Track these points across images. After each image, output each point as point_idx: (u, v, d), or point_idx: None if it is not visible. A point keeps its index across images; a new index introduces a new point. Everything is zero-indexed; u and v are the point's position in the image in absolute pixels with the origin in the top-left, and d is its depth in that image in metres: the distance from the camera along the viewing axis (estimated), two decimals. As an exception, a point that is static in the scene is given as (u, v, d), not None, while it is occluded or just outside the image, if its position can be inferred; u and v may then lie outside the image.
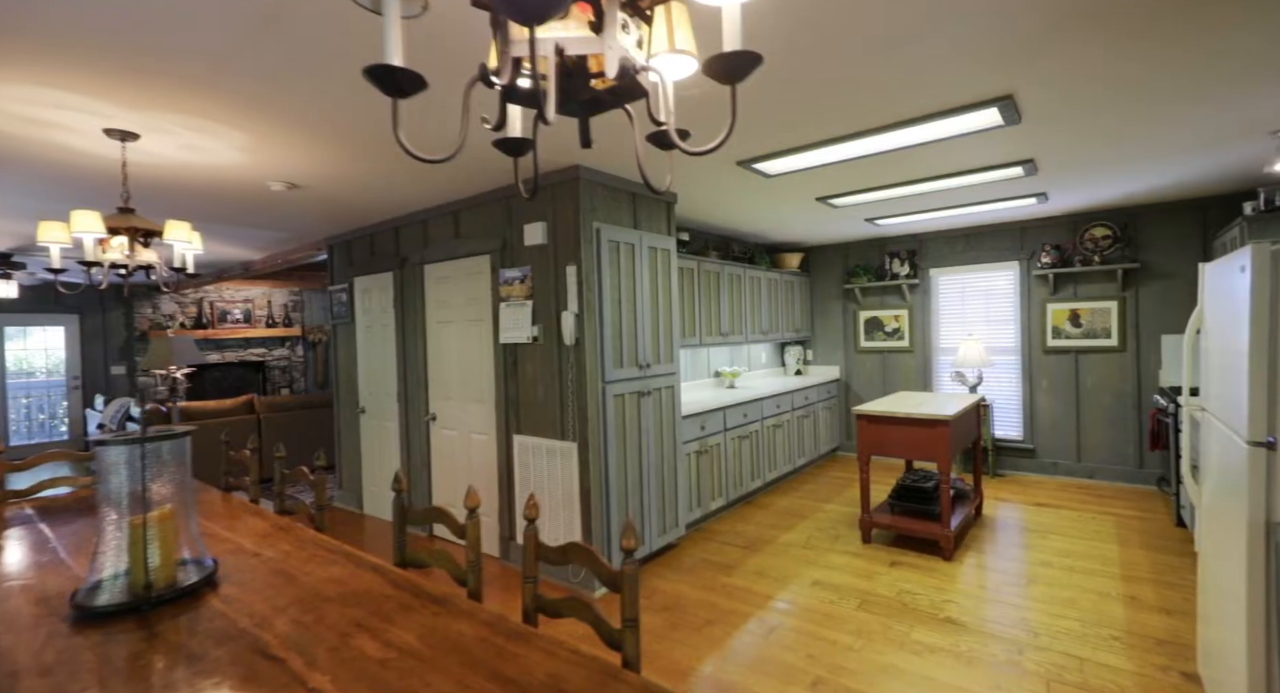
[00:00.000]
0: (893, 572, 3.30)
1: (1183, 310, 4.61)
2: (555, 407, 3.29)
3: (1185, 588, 3.00)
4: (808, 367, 6.56)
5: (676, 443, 3.74)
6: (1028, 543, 3.66)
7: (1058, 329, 5.10)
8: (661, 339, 3.65)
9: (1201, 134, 2.92)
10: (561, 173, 3.18)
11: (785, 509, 4.49)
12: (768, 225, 5.09)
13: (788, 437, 5.22)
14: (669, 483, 3.67)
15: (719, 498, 4.27)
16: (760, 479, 4.79)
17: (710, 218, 4.68)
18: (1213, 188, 4.19)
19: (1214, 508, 2.02)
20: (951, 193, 4.03)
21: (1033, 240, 5.20)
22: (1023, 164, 3.31)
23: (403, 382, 4.28)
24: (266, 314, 8.43)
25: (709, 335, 4.79)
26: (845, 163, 3.20)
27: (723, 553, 3.66)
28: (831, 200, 4.08)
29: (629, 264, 3.41)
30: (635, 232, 3.45)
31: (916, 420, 3.52)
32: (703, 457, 4.10)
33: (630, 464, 3.38)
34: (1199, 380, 2.25)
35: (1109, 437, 4.91)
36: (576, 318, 3.16)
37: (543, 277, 3.34)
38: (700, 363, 5.30)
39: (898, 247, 5.92)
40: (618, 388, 3.29)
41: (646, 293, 3.53)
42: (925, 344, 5.79)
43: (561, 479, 3.26)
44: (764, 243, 6.12)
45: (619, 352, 3.32)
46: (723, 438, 4.32)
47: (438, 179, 3.29)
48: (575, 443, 3.19)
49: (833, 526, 4.08)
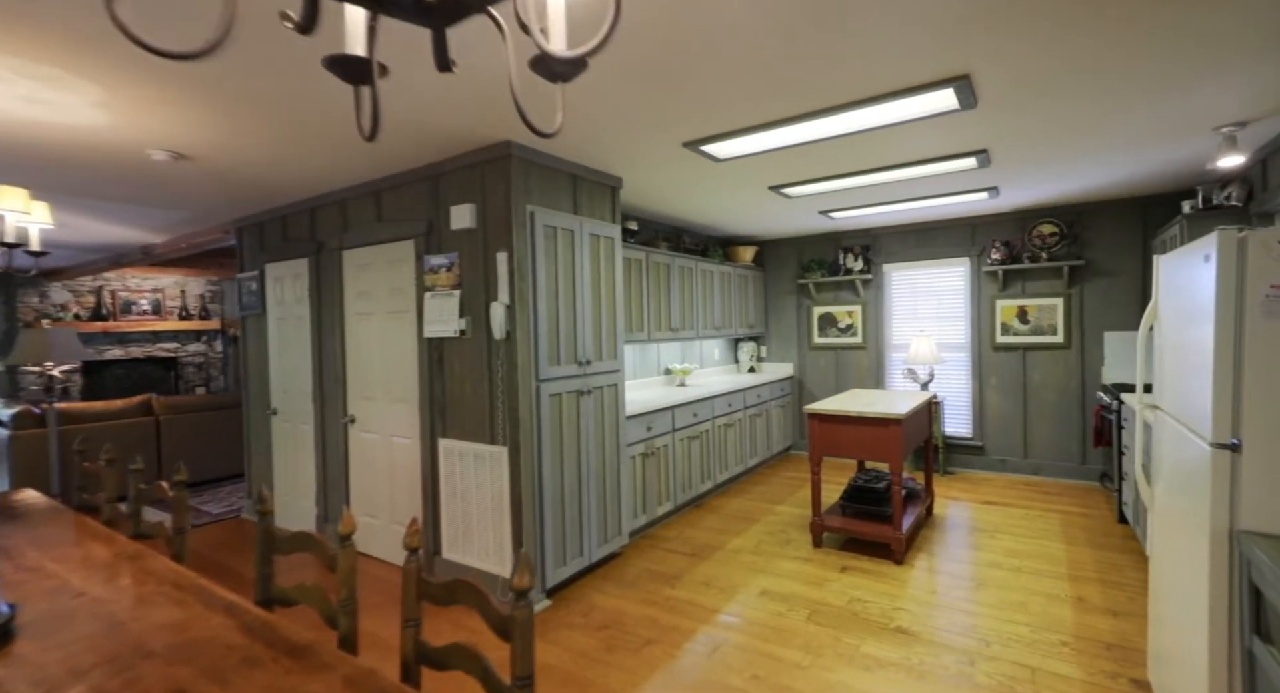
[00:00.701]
0: (843, 578, 3.15)
1: (1124, 308, 4.66)
2: (484, 408, 3.00)
3: (1129, 587, 2.96)
4: (761, 364, 6.43)
5: (620, 445, 3.50)
6: (977, 543, 3.58)
7: (1006, 326, 5.11)
8: (604, 334, 3.40)
9: (1150, 127, 2.86)
10: (491, 150, 2.88)
11: (736, 512, 4.32)
12: (720, 216, 4.90)
13: (740, 436, 5.06)
14: (611, 489, 3.42)
15: (666, 502, 4.05)
16: (711, 481, 4.60)
17: (660, 207, 4.45)
18: (1154, 186, 4.23)
19: (1168, 510, 1.91)
20: (905, 185, 3.92)
21: (983, 237, 5.18)
22: (976, 155, 3.21)
23: (319, 380, 3.89)
24: (180, 306, 7.73)
25: (658, 331, 4.56)
26: (797, 147, 3.02)
27: (668, 562, 3.44)
28: (784, 189, 3.91)
29: (568, 252, 3.14)
30: (575, 217, 3.18)
31: (868, 419, 3.39)
32: (649, 459, 3.87)
33: (568, 469, 3.11)
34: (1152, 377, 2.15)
35: (1054, 433, 4.95)
36: (508, 310, 2.87)
37: (472, 264, 3.03)
38: (649, 360, 5.07)
39: (852, 242, 5.83)
40: (554, 387, 3.02)
41: (587, 284, 3.26)
42: (878, 341, 5.73)
43: (491, 487, 2.97)
44: (717, 235, 5.94)
45: (555, 347, 3.05)
46: (671, 439, 4.11)
47: (355, 154, 2.93)
48: (506, 447, 2.90)
49: (783, 529, 3.93)
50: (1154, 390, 2.09)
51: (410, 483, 3.40)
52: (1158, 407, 2.05)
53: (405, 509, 3.42)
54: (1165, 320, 1.94)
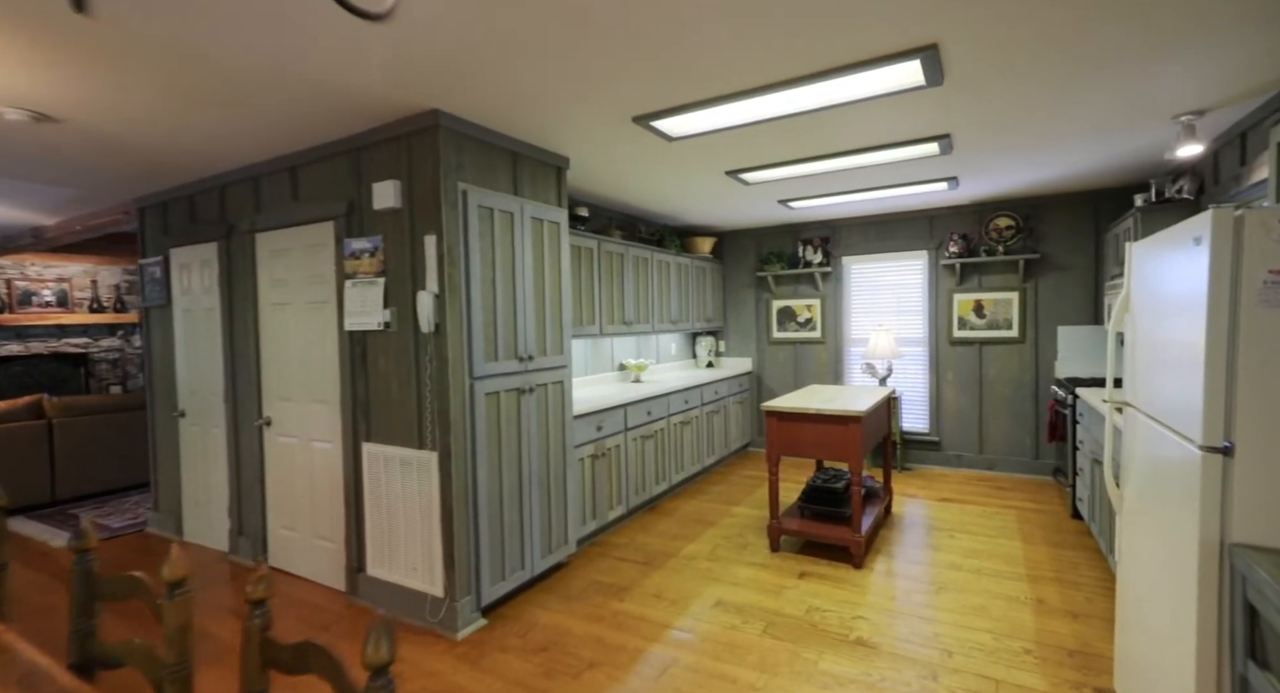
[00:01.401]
0: (802, 585, 2.98)
1: (1077, 302, 4.67)
2: (412, 409, 2.70)
3: (1087, 587, 2.89)
4: (720, 359, 6.26)
5: (567, 447, 3.25)
6: (936, 543, 3.49)
7: (963, 320, 5.07)
8: (549, 327, 3.13)
9: (1111, 111, 2.77)
10: (417, 120, 2.57)
11: (691, 515, 4.13)
12: (677, 204, 4.68)
13: (696, 434, 4.87)
14: (557, 494, 3.17)
15: (618, 506, 3.83)
16: (666, 482, 4.40)
17: (613, 192, 4.20)
18: (1108, 180, 4.22)
19: (1142, 515, 1.79)
20: (866, 172, 3.78)
21: (941, 229, 5.13)
22: (939, 140, 3.07)
23: (231, 378, 3.49)
24: (90, 297, 7.03)
25: (611, 324, 4.32)
26: (754, 127, 2.82)
27: (618, 572, 3.21)
28: (742, 175, 3.71)
29: (506, 236, 2.85)
30: (515, 199, 2.90)
31: (827, 417, 3.23)
32: (599, 461, 3.63)
33: (508, 475, 2.84)
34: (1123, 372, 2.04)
35: (1009, 428, 4.94)
36: (436, 299, 2.57)
37: (397, 249, 2.71)
38: (602, 355, 4.82)
39: (811, 233, 5.71)
40: (490, 384, 2.74)
41: (530, 272, 2.99)
42: (837, 335, 5.64)
43: (419, 496, 2.67)
44: (674, 225, 5.73)
45: (493, 342, 2.77)
46: (623, 439, 3.87)
47: (262, 122, 2.57)
48: (435, 452, 2.61)
49: (740, 532, 3.75)
50: (1125, 386, 1.97)
51: (333, 492, 3.07)
52: (1129, 404, 1.93)
53: (328, 521, 3.09)
54: (1140, 312, 1.81)
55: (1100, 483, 3.07)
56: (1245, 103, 2.72)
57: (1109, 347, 1.93)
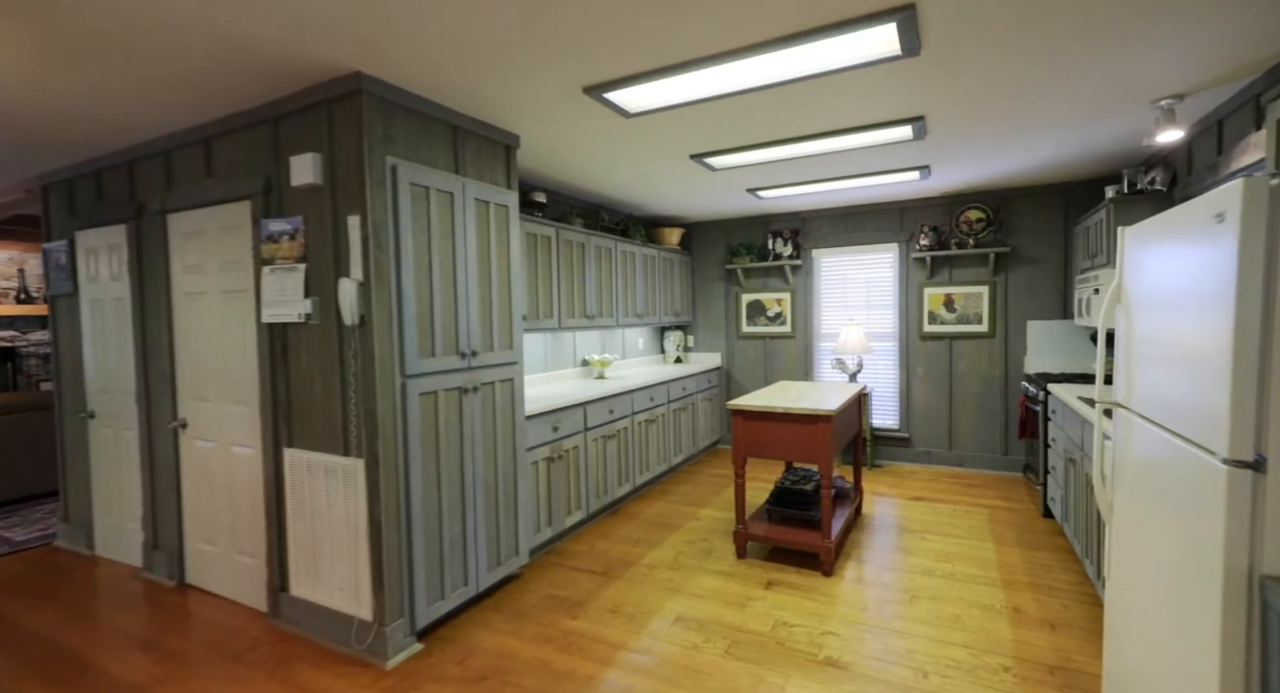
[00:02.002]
0: (769, 596, 2.80)
1: (1047, 296, 4.59)
2: (337, 410, 2.41)
3: (1062, 592, 2.77)
4: (688, 354, 6.06)
5: (518, 450, 2.99)
6: (908, 546, 3.34)
7: (934, 314, 4.96)
8: (497, 320, 2.87)
9: (1090, 94, 2.63)
10: (338, 84, 2.27)
11: (655, 519, 3.91)
12: (642, 191, 4.44)
13: (662, 433, 4.66)
14: (506, 502, 2.91)
15: (576, 511, 3.59)
16: (629, 483, 4.18)
17: (573, 178, 3.94)
18: (1079, 171, 4.13)
19: (1136, 526, 1.63)
20: (836, 159, 3.60)
21: (912, 221, 5.00)
22: (913, 123, 2.90)
23: (143, 376, 3.14)
24: (17, 287, 6.46)
25: (571, 318, 4.07)
26: (719, 101, 2.59)
27: (573, 584, 2.98)
28: (708, 159, 3.49)
29: (445, 219, 2.58)
30: (456, 178, 2.63)
31: (796, 416, 3.04)
32: (555, 464, 3.39)
33: (447, 483, 2.58)
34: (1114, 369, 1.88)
35: (978, 424, 4.86)
36: (361, 287, 2.29)
37: (319, 231, 2.42)
38: (563, 350, 4.57)
39: (781, 225, 5.54)
40: (427, 383, 2.47)
41: (473, 259, 2.72)
42: (807, 330, 5.49)
43: (345, 508, 2.40)
44: (641, 215, 5.49)
45: (429, 336, 2.50)
46: (582, 439, 3.64)
47: (164, 85, 2.24)
48: (362, 459, 2.33)
49: (705, 537, 3.56)
50: (1116, 386, 1.81)
51: (254, 502, 2.76)
52: (1120, 406, 1.77)
53: (249, 534, 2.78)
54: (1136, 304, 1.64)
55: (1075, 484, 2.95)
56: (1223, 89, 2.61)
57: (1099, 344, 1.77)
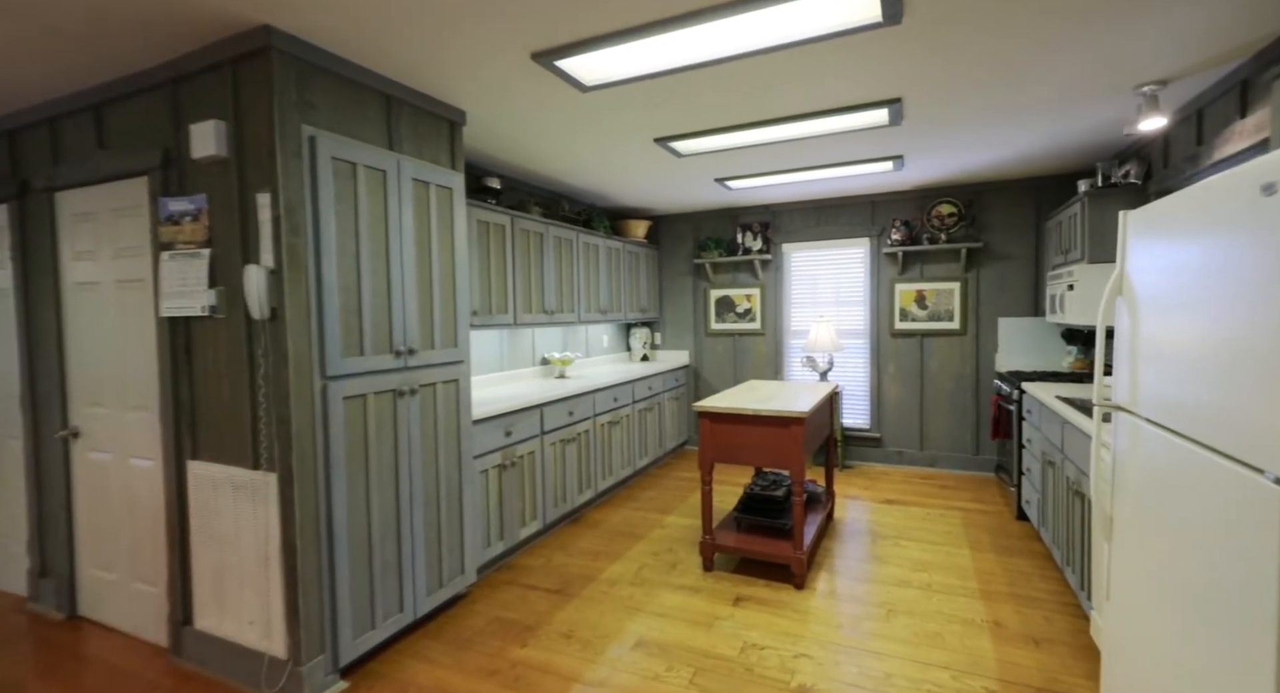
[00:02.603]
0: (737, 613, 2.59)
1: (1017, 293, 4.52)
2: (246, 418, 2.09)
3: (1043, 603, 2.64)
4: (655, 352, 5.84)
5: (463, 458, 2.71)
6: (882, 554, 3.18)
7: (905, 311, 4.85)
8: (439, 315, 2.58)
9: (1073, 78, 2.50)
10: (244, 39, 1.96)
11: (618, 527, 3.67)
12: (605, 179, 4.19)
13: (627, 435, 4.43)
14: (449, 516, 2.63)
15: (532, 522, 3.32)
16: (591, 490, 3.93)
17: (528, 161, 3.66)
18: (1051, 165, 4.05)
19: (1145, 547, 1.47)
20: (809, 146, 3.41)
21: (884, 216, 4.88)
22: (890, 105, 2.72)
23: (28, 378, 2.74)
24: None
25: (528, 313, 3.79)
26: (682, 74, 2.36)
27: (525, 605, 2.72)
28: (673, 144, 3.26)
29: (377, 200, 2.28)
30: (390, 154, 2.33)
31: (766, 418, 2.84)
32: (508, 471, 3.12)
33: (379, 497, 2.29)
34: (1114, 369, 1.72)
35: (949, 424, 4.77)
36: (271, 276, 1.98)
37: (225, 211, 2.10)
38: (521, 348, 4.29)
39: (751, 218, 5.36)
40: (353, 385, 2.18)
41: (410, 246, 2.43)
42: (777, 327, 5.32)
43: (256, 529, 2.08)
44: (605, 206, 5.24)
45: (356, 332, 2.20)
46: (539, 444, 3.37)
47: (42, 36, 1.89)
48: (275, 473, 2.03)
49: (671, 547, 3.33)
50: (1117, 388, 1.65)
51: (155, 523, 2.41)
52: (1123, 410, 1.61)
53: (150, 560, 2.43)
54: (1144, 297, 1.48)
55: (1054, 487, 2.83)
56: (1204, 76, 2.50)
57: (1098, 341, 1.60)
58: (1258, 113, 2.28)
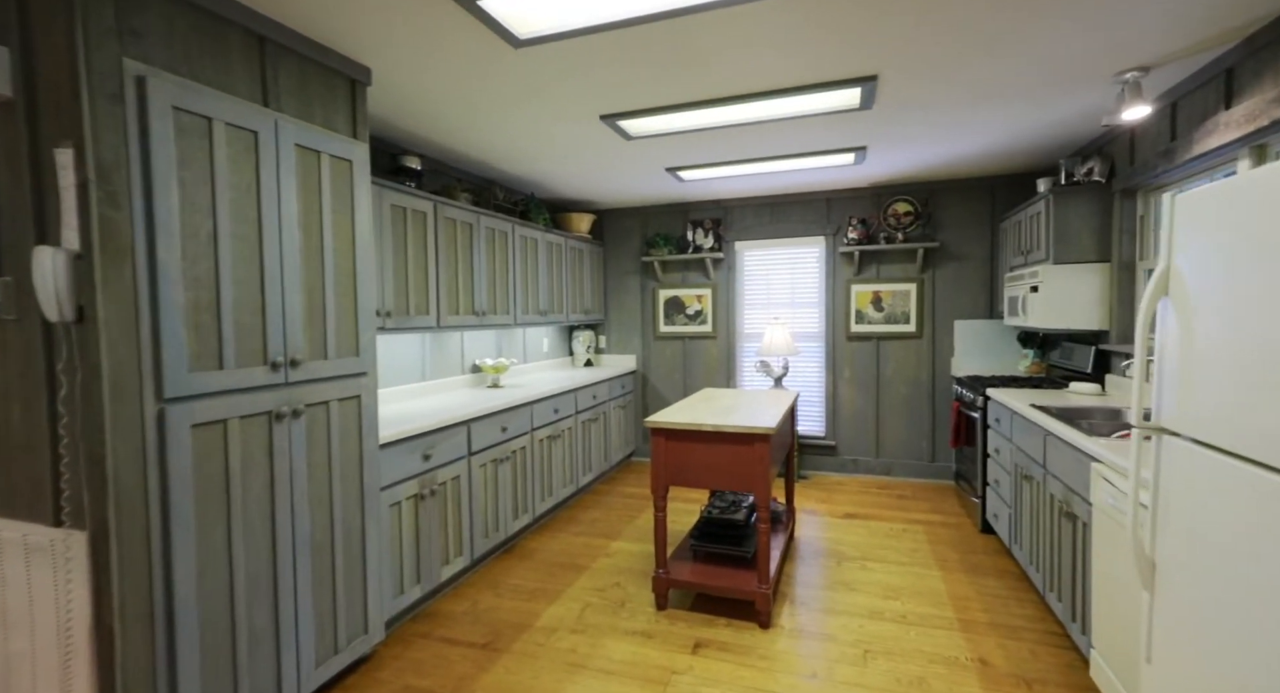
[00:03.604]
0: (696, 664, 2.23)
1: (972, 295, 4.40)
2: (44, 455, 1.55)
3: (1027, 634, 2.42)
4: (600, 356, 5.44)
5: (366, 491, 2.22)
6: (849, 580, 2.91)
7: (861, 313, 4.66)
8: (333, 316, 2.08)
9: (1058, 58, 2.29)
10: (33, -64, 1.42)
11: (558, 557, 3.25)
12: (543, 163, 3.75)
13: (569, 450, 4.00)
14: (347, 564, 2.14)
15: (456, 559, 2.85)
16: (528, 514, 3.48)
17: (456, 141, 3.18)
18: (1009, 163, 3.94)
19: (1210, 593, 1.20)
20: (768, 131, 3.11)
21: (839, 213, 4.67)
22: (864, 83, 2.44)
23: None
24: None
25: (455, 314, 3.31)
26: (632, 28, 1.98)
27: (444, 666, 2.25)
28: (621, 121, 2.87)
29: (245, 168, 1.77)
30: (264, 112, 1.82)
31: (728, 435, 2.50)
32: (427, 502, 2.64)
33: (247, 552, 1.78)
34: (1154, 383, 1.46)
35: (905, 430, 4.61)
36: (77, 263, 1.45)
37: (11, 173, 1.54)
38: (448, 354, 3.78)
39: (702, 214, 5.05)
40: (207, 408, 1.66)
41: (294, 229, 1.93)
42: (729, 330, 5.03)
43: (55, 607, 1.54)
44: (545, 197, 4.79)
45: (213, 337, 1.69)
46: (465, 467, 2.90)
47: None
48: (84, 530, 1.49)
49: (618, 581, 2.94)
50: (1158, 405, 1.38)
51: (-69, 592, 1.80)
52: (1166, 431, 1.34)
53: (-75, 640, 1.81)
54: (1200, 297, 1.21)
55: (1033, 503, 2.63)
56: (1180, 66, 2.36)
57: (1137, 349, 1.33)
58: (1247, 102, 2.13)
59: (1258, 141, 2.18)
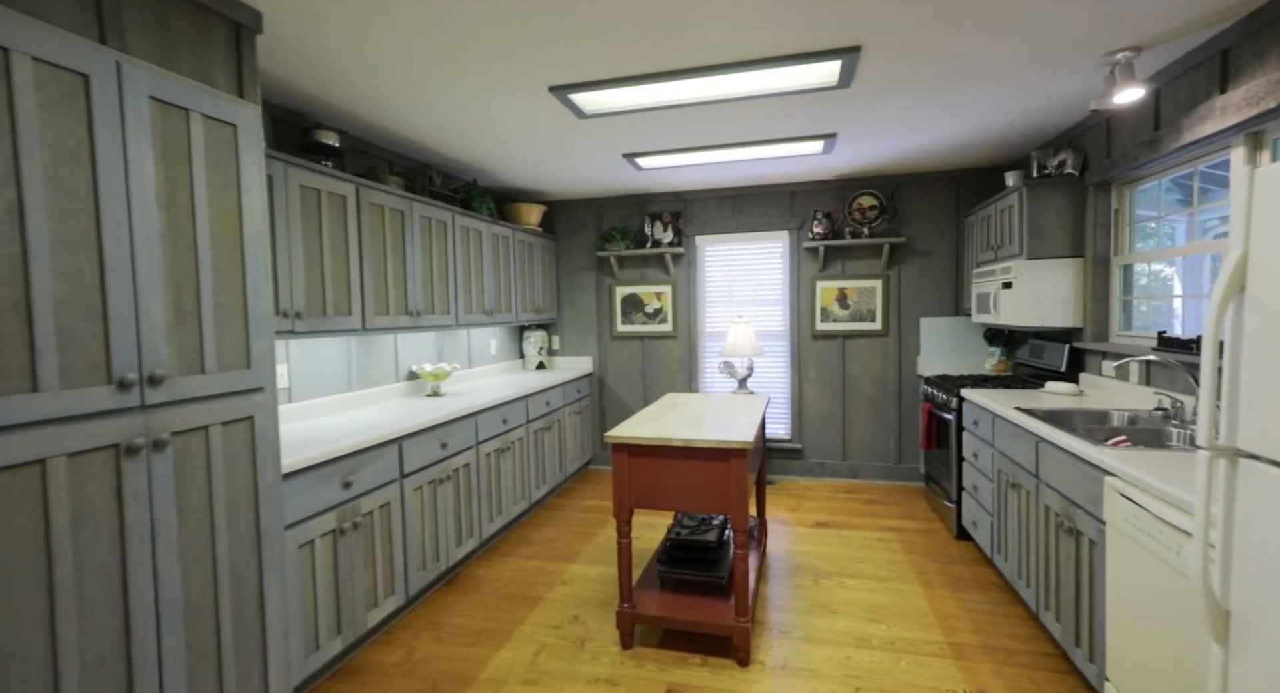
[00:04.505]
0: (670, 719, 1.92)
1: (937, 291, 4.28)
2: None
3: (1021, 656, 2.24)
4: (553, 359, 5.07)
5: (264, 534, 1.81)
6: (828, 600, 2.68)
7: (827, 311, 4.48)
8: (212, 318, 1.66)
9: (1049, 29, 2.10)
10: None
11: (507, 587, 2.88)
12: (487, 145, 3.36)
13: (520, 463, 3.63)
14: (241, 625, 1.72)
15: (388, 599, 2.45)
16: (474, 538, 3.09)
17: (381, 114, 2.75)
18: (978, 155, 3.81)
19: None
20: (733, 113, 2.83)
21: (804, 207, 4.47)
22: (846, 55, 2.18)
23: None
24: None
25: (384, 314, 2.89)
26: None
27: (366, 741, 1.87)
28: (573, 95, 2.53)
29: (72, 122, 1.33)
30: (98, 48, 1.39)
31: (702, 451, 2.20)
32: (348, 538, 2.23)
33: (84, 630, 1.35)
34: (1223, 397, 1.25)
35: (872, 431, 4.46)
36: None
37: None
38: (380, 359, 3.34)
39: (660, 207, 4.75)
40: (10, 446, 1.23)
41: (150, 207, 1.49)
42: (690, 329, 4.76)
43: None
44: (490, 185, 4.39)
45: (18, 347, 1.25)
46: (397, 491, 2.50)
47: None
48: None
49: (577, 614, 2.61)
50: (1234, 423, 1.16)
51: None
52: (1243, 454, 1.12)
53: None
54: None
55: (1022, 513, 2.45)
56: (1169, 48, 2.21)
57: (1205, 356, 1.11)
58: (1248, 85, 1.99)
59: (1257, 127, 2.05)
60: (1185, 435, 2.13)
